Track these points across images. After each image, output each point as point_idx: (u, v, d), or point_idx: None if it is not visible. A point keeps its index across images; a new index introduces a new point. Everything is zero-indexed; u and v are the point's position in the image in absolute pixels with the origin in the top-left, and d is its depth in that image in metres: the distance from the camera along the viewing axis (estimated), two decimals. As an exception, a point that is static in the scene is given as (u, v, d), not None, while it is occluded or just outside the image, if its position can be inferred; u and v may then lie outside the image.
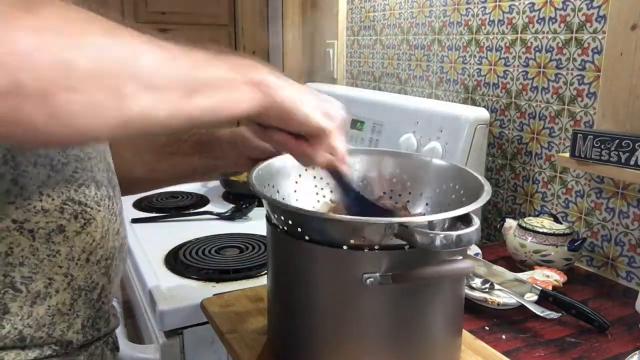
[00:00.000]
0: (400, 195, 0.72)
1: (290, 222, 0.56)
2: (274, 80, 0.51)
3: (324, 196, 0.73)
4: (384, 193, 0.73)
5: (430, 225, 0.52)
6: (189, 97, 0.44)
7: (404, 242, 0.51)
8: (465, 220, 0.54)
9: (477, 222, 0.52)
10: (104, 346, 0.65)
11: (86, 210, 0.57)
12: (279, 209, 0.57)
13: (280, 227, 0.58)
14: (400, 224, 0.50)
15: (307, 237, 0.55)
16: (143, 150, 0.79)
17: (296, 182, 0.71)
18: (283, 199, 0.68)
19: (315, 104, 0.54)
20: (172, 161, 0.78)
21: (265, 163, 0.66)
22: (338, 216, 0.56)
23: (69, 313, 0.58)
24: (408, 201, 0.72)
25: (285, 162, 0.69)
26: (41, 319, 0.55)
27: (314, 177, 0.72)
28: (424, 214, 0.70)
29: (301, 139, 0.55)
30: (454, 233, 0.49)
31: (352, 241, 0.52)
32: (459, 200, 0.65)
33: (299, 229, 0.55)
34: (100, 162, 0.61)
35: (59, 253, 0.55)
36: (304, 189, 0.71)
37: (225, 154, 0.76)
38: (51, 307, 0.56)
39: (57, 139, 0.42)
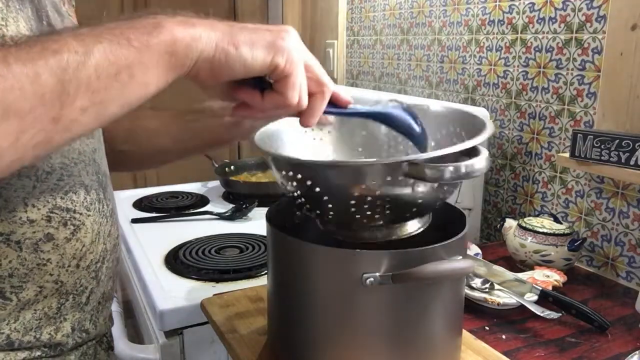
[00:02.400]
0: (402, 147, 0.70)
1: (299, 175, 0.53)
2: (185, 32, 0.42)
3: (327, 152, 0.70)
4: (388, 147, 0.71)
5: (439, 160, 0.50)
6: (66, 105, 0.37)
7: (409, 190, 0.50)
8: (474, 154, 0.52)
9: (485, 152, 0.51)
10: (97, 345, 0.64)
11: (75, 217, 0.56)
12: (285, 164, 0.55)
13: (290, 191, 0.55)
14: (410, 162, 0.49)
15: (317, 190, 0.53)
16: (168, 121, 0.78)
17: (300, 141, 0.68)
18: None
19: (252, 39, 0.45)
20: (196, 129, 0.77)
21: (263, 129, 0.64)
22: (343, 161, 0.53)
23: (56, 317, 0.57)
24: (409, 152, 0.70)
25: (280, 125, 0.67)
26: (28, 323, 0.55)
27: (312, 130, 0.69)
28: None
29: (270, 92, 0.48)
30: (463, 163, 0.48)
31: (363, 186, 0.51)
32: (462, 141, 0.64)
33: (308, 182, 0.53)
34: (88, 165, 0.59)
35: (49, 261, 0.55)
36: (307, 148, 0.69)
37: (236, 120, 0.74)
38: (37, 311, 0.55)
39: None
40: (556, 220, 0.99)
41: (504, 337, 0.74)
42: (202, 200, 1.44)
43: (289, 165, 0.55)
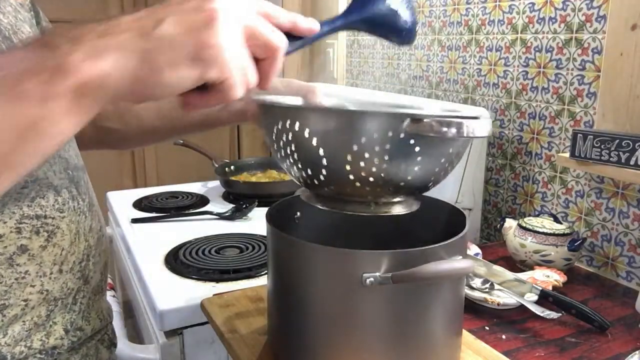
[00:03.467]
0: None
1: (297, 124, 0.51)
2: (94, 70, 0.36)
3: None
4: None
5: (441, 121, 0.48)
6: None
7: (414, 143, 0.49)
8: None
9: (487, 117, 0.50)
10: (98, 344, 0.63)
11: (47, 222, 0.54)
12: (285, 111, 0.53)
13: (283, 147, 0.53)
14: (413, 117, 0.47)
15: (314, 142, 0.50)
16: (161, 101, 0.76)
17: None
18: None
19: (173, 59, 0.38)
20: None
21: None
22: (344, 107, 0.51)
23: (45, 323, 0.56)
24: None
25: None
26: (18, 335, 0.54)
27: None
28: None
29: (213, 91, 0.43)
30: (466, 123, 0.47)
31: (363, 139, 0.48)
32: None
33: (306, 132, 0.50)
34: (53, 164, 0.56)
35: (27, 273, 0.53)
36: None
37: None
38: (27, 322, 0.54)
39: None
40: (556, 220, 0.99)
41: (504, 337, 0.74)
42: (202, 200, 1.44)
43: (289, 113, 0.52)
